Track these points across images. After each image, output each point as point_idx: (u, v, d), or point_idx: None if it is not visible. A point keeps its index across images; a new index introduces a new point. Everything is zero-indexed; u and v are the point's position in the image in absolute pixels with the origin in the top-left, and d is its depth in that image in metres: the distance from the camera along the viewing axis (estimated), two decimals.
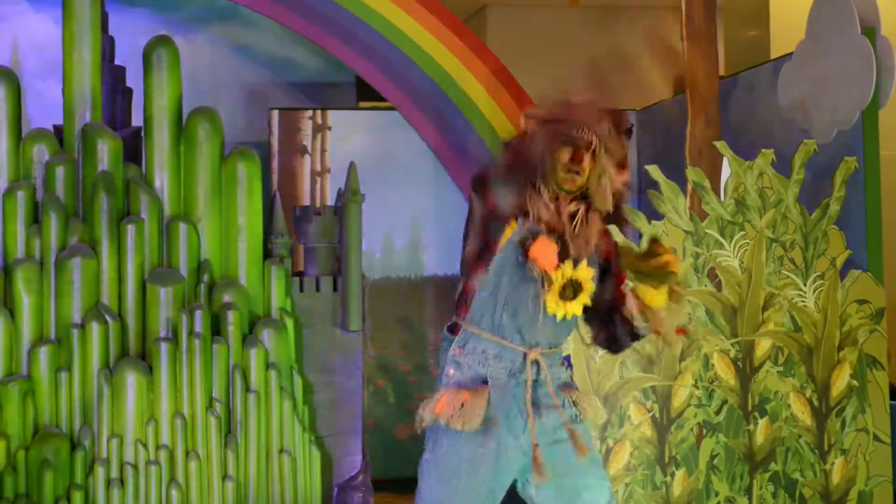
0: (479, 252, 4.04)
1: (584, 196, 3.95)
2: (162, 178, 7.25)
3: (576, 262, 3.91)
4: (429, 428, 4.06)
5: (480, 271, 4.03)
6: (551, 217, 3.92)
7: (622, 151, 3.94)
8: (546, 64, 12.84)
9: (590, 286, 3.93)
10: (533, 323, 3.96)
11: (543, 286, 3.91)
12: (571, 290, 3.91)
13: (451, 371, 4.04)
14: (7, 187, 7.11)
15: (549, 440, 4.01)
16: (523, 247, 3.92)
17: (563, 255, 3.90)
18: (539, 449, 3.96)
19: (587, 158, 3.89)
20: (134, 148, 7.47)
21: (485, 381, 3.98)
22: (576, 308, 3.93)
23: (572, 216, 3.94)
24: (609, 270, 4.09)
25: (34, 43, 9.05)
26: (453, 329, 4.10)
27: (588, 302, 3.94)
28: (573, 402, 4.07)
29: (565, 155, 3.89)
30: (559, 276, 3.89)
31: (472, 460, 3.96)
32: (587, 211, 3.95)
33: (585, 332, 4.30)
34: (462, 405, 3.93)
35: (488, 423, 3.96)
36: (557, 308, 3.91)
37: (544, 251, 3.89)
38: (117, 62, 7.72)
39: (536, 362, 3.99)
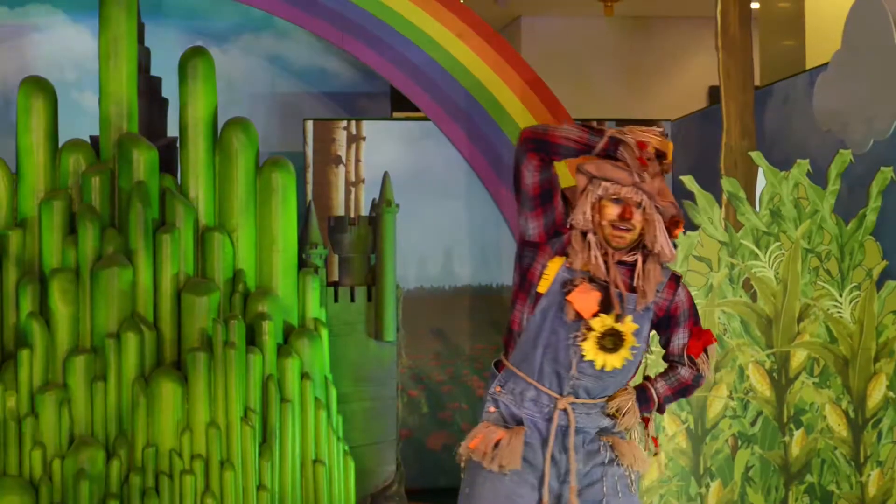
0: (519, 282, 4.06)
1: (642, 246, 3.96)
2: (197, 189, 7.28)
3: (621, 316, 3.92)
4: (468, 463, 4.08)
5: (519, 304, 4.04)
6: (594, 268, 3.92)
7: (674, 209, 3.96)
8: (580, 74, 12.85)
9: (631, 340, 3.93)
10: (568, 370, 3.97)
11: (579, 331, 3.91)
12: (611, 340, 3.91)
13: (491, 409, 4.08)
14: (44, 198, 7.14)
15: (582, 485, 4.02)
16: (564, 290, 3.93)
17: (605, 305, 3.91)
18: (573, 494, 3.98)
19: (637, 214, 3.91)
20: (169, 158, 7.50)
21: (520, 423, 4.00)
22: (615, 361, 3.93)
23: (631, 267, 3.95)
24: (669, 324, 4.08)
25: (71, 54, 9.10)
26: (499, 366, 4.12)
27: (629, 356, 3.94)
28: (610, 446, 4.07)
29: (613, 212, 3.90)
30: (598, 324, 3.90)
31: (508, 499, 3.98)
32: (644, 262, 3.95)
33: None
34: (496, 445, 3.97)
35: (524, 464, 3.98)
36: (596, 356, 3.91)
37: (583, 297, 3.90)
38: (153, 73, 7.75)
39: (565, 411, 3.99)
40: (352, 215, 8.63)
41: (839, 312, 6.44)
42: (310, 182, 9.01)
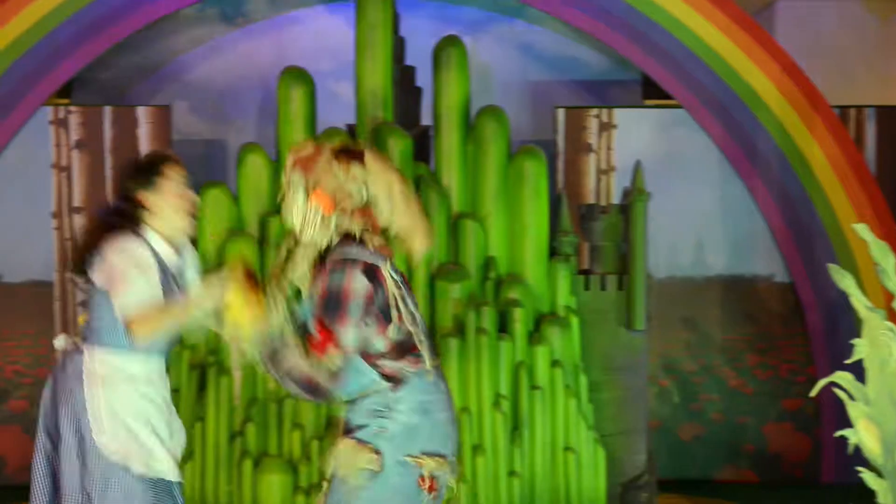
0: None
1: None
2: (450, 176, 7.36)
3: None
4: None
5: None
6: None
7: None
8: (839, 61, 12.52)
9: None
10: None
11: None
12: None
13: None
14: None
15: None
16: None
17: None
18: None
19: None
20: (423, 146, 7.60)
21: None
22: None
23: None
24: None
25: (328, 45, 9.29)
26: None
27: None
28: None
29: None
30: None
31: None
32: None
33: None
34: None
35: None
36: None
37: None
38: (407, 62, 7.86)
39: None
40: (603, 203, 8.59)
41: None
42: (560, 170, 9.00)
